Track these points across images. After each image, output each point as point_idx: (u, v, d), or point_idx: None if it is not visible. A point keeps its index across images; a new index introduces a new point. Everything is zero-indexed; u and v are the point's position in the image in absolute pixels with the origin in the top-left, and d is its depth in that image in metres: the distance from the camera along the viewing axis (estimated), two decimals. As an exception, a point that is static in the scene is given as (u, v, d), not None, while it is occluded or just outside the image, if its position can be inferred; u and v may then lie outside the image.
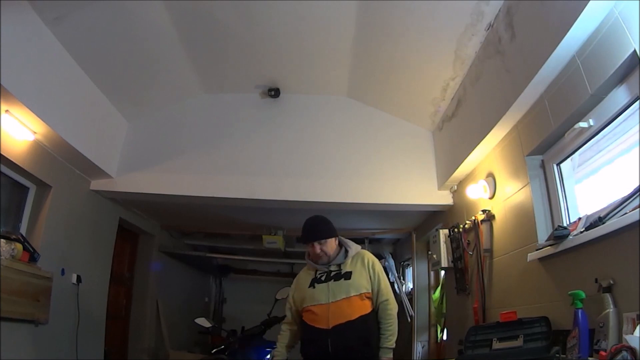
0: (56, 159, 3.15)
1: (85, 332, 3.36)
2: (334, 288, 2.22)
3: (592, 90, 1.76)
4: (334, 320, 2.14)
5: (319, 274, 2.31)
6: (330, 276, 2.27)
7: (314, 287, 2.27)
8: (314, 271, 2.34)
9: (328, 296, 2.20)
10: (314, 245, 2.28)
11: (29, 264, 2.76)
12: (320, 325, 2.16)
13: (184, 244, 5.82)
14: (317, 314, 2.19)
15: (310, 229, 2.33)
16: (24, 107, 2.50)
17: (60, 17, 2.63)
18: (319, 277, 2.30)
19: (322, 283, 2.27)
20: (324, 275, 2.29)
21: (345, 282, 2.22)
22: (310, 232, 2.32)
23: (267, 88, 3.81)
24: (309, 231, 2.32)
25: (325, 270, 2.30)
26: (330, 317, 2.14)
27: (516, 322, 1.97)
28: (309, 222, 2.36)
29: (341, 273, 2.27)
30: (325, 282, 2.26)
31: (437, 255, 3.48)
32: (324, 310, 2.17)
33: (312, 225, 2.34)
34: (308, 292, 2.28)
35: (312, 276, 2.32)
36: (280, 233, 5.02)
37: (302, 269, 2.46)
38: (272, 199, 3.64)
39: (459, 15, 2.58)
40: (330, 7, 2.83)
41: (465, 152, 2.97)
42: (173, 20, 2.96)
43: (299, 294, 2.33)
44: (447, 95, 3.30)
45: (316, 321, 2.18)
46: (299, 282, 2.40)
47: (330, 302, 2.18)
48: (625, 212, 1.57)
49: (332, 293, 2.20)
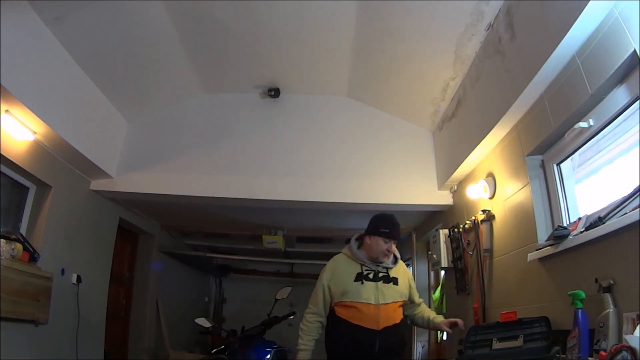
0: (56, 159, 3.15)
1: (85, 332, 3.36)
2: (383, 290, 2.20)
3: (592, 90, 1.76)
4: (384, 322, 2.14)
5: (365, 270, 2.24)
6: (378, 277, 2.23)
7: (361, 283, 2.19)
8: (360, 265, 2.26)
9: (377, 297, 2.17)
10: (392, 244, 2.25)
11: (29, 264, 2.76)
12: (368, 325, 2.12)
13: (184, 244, 5.82)
14: (364, 313, 2.13)
15: (397, 227, 2.29)
16: (24, 107, 2.50)
17: (60, 17, 2.63)
18: (365, 273, 2.23)
19: (370, 281, 2.21)
20: (371, 274, 2.23)
21: (394, 287, 2.24)
22: (397, 230, 2.29)
23: (267, 88, 3.81)
24: (396, 229, 2.28)
25: (372, 269, 2.25)
26: (380, 319, 2.13)
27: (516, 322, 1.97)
28: (393, 219, 2.31)
29: (389, 277, 2.26)
30: (374, 282, 2.21)
31: (437, 255, 3.48)
32: (374, 310, 2.14)
33: (396, 224, 2.30)
34: (353, 287, 2.19)
35: (358, 270, 2.24)
36: (280, 233, 5.01)
37: (339, 258, 2.35)
38: (272, 199, 3.64)
39: (459, 15, 2.58)
40: (330, 7, 2.83)
41: (465, 152, 2.97)
42: (173, 20, 2.96)
43: (339, 285, 2.22)
44: (447, 95, 3.30)
45: (363, 320, 2.13)
46: (338, 271, 2.28)
47: (380, 303, 2.16)
48: (625, 212, 1.57)
49: (382, 295, 2.18)
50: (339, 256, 2.37)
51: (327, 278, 2.26)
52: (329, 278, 2.26)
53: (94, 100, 3.32)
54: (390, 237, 2.25)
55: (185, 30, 3.08)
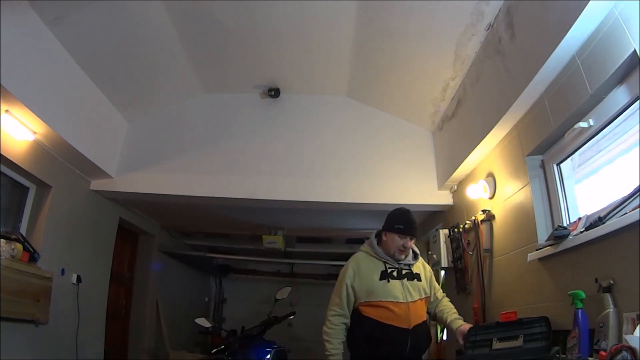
0: (56, 159, 3.15)
1: (85, 332, 3.36)
2: (410, 287, 2.16)
3: (592, 90, 1.76)
4: (415, 320, 2.11)
5: (389, 267, 2.19)
6: (402, 274, 2.19)
7: (388, 282, 2.14)
8: (383, 263, 2.21)
9: (406, 295, 2.13)
10: (408, 240, 2.21)
11: (29, 264, 2.76)
12: (400, 324, 2.08)
13: (184, 244, 5.82)
14: (395, 312, 2.08)
15: (412, 223, 2.24)
16: (24, 107, 2.50)
17: (60, 17, 2.63)
18: (390, 271, 2.18)
19: (395, 279, 2.16)
20: (394, 271, 2.19)
21: (419, 284, 2.21)
22: (412, 226, 2.23)
23: (267, 88, 3.81)
24: (412, 225, 2.23)
25: (395, 267, 2.21)
26: (411, 317, 2.10)
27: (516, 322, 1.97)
28: (409, 215, 2.27)
29: (413, 273, 2.22)
30: (399, 280, 2.17)
31: (437, 255, 3.48)
32: (405, 309, 2.10)
33: (412, 219, 2.25)
34: (380, 285, 2.13)
35: (382, 268, 2.19)
36: (280, 233, 5.01)
37: (361, 257, 2.29)
38: (272, 199, 3.64)
39: (459, 15, 2.58)
40: (330, 7, 2.83)
41: (465, 152, 2.97)
42: (173, 20, 2.96)
43: (364, 285, 2.15)
44: (447, 95, 3.30)
45: (394, 320, 2.08)
46: (361, 270, 2.20)
47: (409, 301, 2.13)
48: (625, 212, 1.57)
49: (409, 292, 2.15)
50: (360, 254, 2.31)
51: (350, 277, 2.18)
52: (352, 277, 2.18)
53: (94, 100, 3.32)
54: (406, 233, 2.20)
55: (185, 30, 3.08)
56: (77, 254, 3.37)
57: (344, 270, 2.24)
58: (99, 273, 3.71)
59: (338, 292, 2.19)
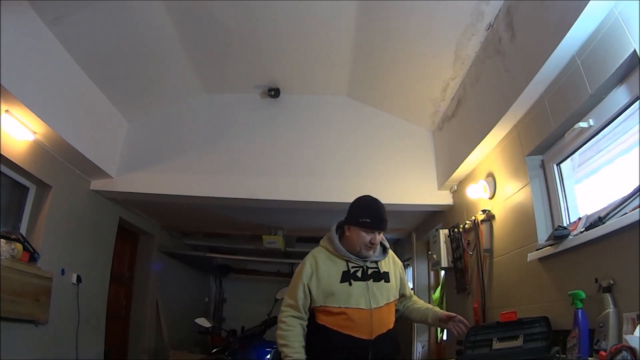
0: (56, 159, 3.15)
1: (85, 332, 3.36)
2: (374, 290, 1.86)
3: (592, 90, 1.76)
4: (378, 330, 1.81)
5: (352, 267, 1.88)
6: (367, 274, 1.88)
7: (349, 284, 1.84)
8: (345, 262, 1.89)
9: (369, 300, 1.83)
10: (375, 235, 1.87)
11: (29, 264, 2.76)
12: (359, 334, 1.78)
13: (184, 244, 5.82)
14: (354, 321, 1.79)
15: (380, 215, 1.90)
16: (24, 107, 2.50)
17: (60, 17, 2.63)
18: (353, 271, 1.87)
19: (358, 281, 1.85)
20: (359, 271, 1.87)
21: (386, 285, 1.91)
22: (381, 219, 1.89)
23: (267, 88, 3.81)
24: (380, 217, 1.89)
25: (359, 265, 1.89)
26: (374, 326, 1.80)
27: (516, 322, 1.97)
28: (376, 205, 1.95)
29: (380, 273, 1.91)
30: (363, 281, 1.86)
31: (437, 255, 3.48)
32: (366, 317, 1.80)
33: (380, 211, 1.92)
34: (340, 289, 1.83)
35: (344, 268, 1.87)
36: (280, 233, 5.02)
37: (319, 254, 1.94)
38: (272, 199, 3.64)
39: (459, 15, 2.58)
40: (330, 7, 2.83)
41: (465, 152, 2.97)
42: (173, 20, 2.96)
43: (322, 287, 1.84)
44: (447, 95, 3.30)
45: (353, 329, 1.78)
46: (320, 270, 1.87)
47: (373, 307, 1.82)
48: (625, 212, 1.57)
49: (374, 297, 1.84)
50: (318, 250, 1.96)
51: (307, 276, 1.87)
52: (308, 276, 1.87)
53: (94, 100, 3.32)
54: (373, 227, 1.87)
55: (185, 30, 3.08)
56: (77, 254, 3.37)
57: (300, 268, 1.92)
58: (99, 273, 3.71)
59: (292, 293, 1.87)
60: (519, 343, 1.87)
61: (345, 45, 3.21)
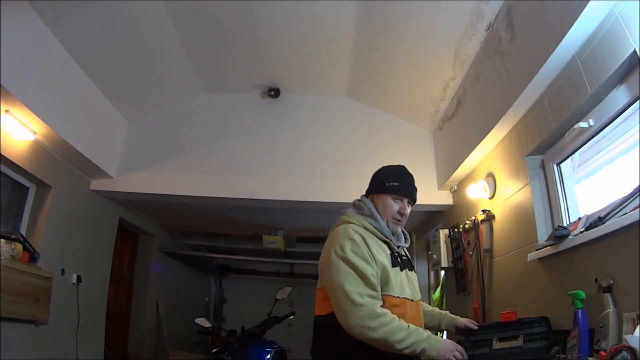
0: (56, 159, 3.15)
1: (85, 332, 3.36)
2: (412, 280, 1.58)
3: (592, 90, 1.76)
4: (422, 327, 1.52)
5: (394, 250, 1.57)
6: (403, 261, 1.58)
7: (400, 270, 1.51)
8: (386, 244, 1.55)
9: (413, 291, 1.54)
10: (405, 203, 1.59)
11: (29, 264, 2.76)
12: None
13: (184, 244, 5.82)
14: (407, 315, 1.44)
15: (411, 179, 1.65)
16: (24, 107, 2.51)
17: (60, 17, 2.63)
18: (396, 255, 1.56)
19: (398, 268, 1.52)
20: (397, 257, 1.56)
21: (415, 276, 1.65)
22: (411, 184, 1.64)
23: (267, 88, 3.81)
24: (410, 182, 1.64)
25: (395, 251, 1.58)
26: (422, 323, 1.53)
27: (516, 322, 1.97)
28: (406, 170, 1.70)
29: (410, 261, 1.65)
30: (403, 269, 1.55)
31: (437, 255, 3.48)
32: (417, 311, 1.52)
33: (410, 175, 1.67)
34: (394, 274, 1.47)
35: (388, 251, 1.53)
36: (280, 233, 5.01)
37: (357, 229, 1.51)
38: (272, 199, 3.64)
39: (459, 15, 2.58)
40: (330, 7, 2.83)
41: (465, 152, 2.97)
42: (173, 20, 2.96)
43: (380, 269, 1.45)
44: (447, 95, 3.30)
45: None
46: (372, 249, 1.46)
47: (416, 300, 1.55)
48: (625, 212, 1.57)
49: (413, 287, 1.56)
50: (355, 228, 1.51)
51: (367, 252, 1.43)
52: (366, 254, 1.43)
53: (94, 100, 3.32)
54: (403, 193, 1.59)
55: (185, 30, 3.08)
56: (77, 254, 3.37)
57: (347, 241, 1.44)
58: (99, 273, 3.71)
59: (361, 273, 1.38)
60: (519, 343, 1.87)
61: (345, 45, 3.21)
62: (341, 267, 1.41)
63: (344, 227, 1.53)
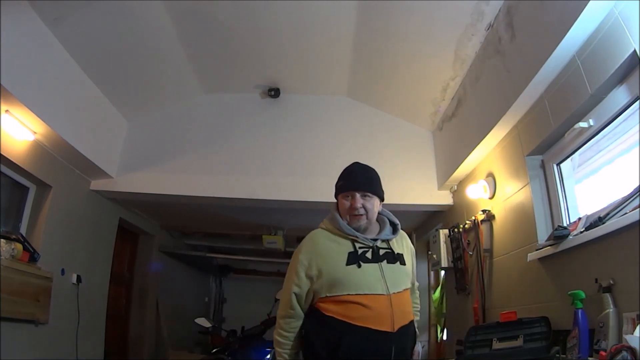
0: (56, 159, 3.15)
1: (85, 332, 3.36)
2: (390, 273, 1.56)
3: (592, 90, 1.76)
4: (400, 321, 1.50)
5: (360, 247, 1.59)
6: (379, 255, 1.59)
7: (358, 267, 1.54)
8: (351, 241, 1.60)
9: (385, 284, 1.52)
10: (354, 198, 1.61)
11: (29, 264, 2.76)
12: (379, 326, 1.45)
13: (184, 244, 5.82)
14: (371, 309, 1.47)
15: (354, 174, 1.68)
16: (24, 107, 2.50)
17: (60, 17, 2.63)
18: (361, 252, 1.57)
19: (369, 262, 1.55)
20: (368, 252, 1.58)
21: (403, 268, 1.62)
22: (355, 178, 1.67)
23: (267, 88, 3.81)
24: (354, 177, 1.67)
25: (368, 245, 1.60)
26: (395, 316, 1.48)
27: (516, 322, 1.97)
28: (354, 167, 1.74)
29: (394, 253, 1.62)
30: (375, 262, 1.56)
31: (437, 255, 3.48)
32: (385, 304, 1.49)
33: (355, 170, 1.71)
34: (348, 272, 1.52)
35: (349, 248, 1.58)
36: (280, 233, 5.01)
37: (317, 236, 1.66)
38: (272, 199, 3.64)
39: (459, 15, 2.58)
40: (330, 7, 2.83)
41: (465, 152, 2.97)
42: (173, 20, 2.96)
43: (325, 273, 1.54)
44: (447, 95, 3.30)
45: (371, 320, 1.46)
46: (321, 254, 1.58)
47: (391, 292, 1.51)
48: (625, 212, 1.57)
49: (391, 280, 1.54)
50: (317, 233, 1.67)
51: (305, 265, 1.58)
52: (306, 265, 1.58)
53: (94, 100, 3.32)
54: (347, 188, 1.64)
55: (185, 30, 3.08)
56: (77, 254, 3.37)
57: (295, 256, 1.65)
58: (99, 273, 3.71)
59: (287, 289, 1.59)
60: (519, 343, 1.87)
61: (345, 45, 3.21)
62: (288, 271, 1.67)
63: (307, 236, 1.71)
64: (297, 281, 1.59)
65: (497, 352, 1.92)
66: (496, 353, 1.92)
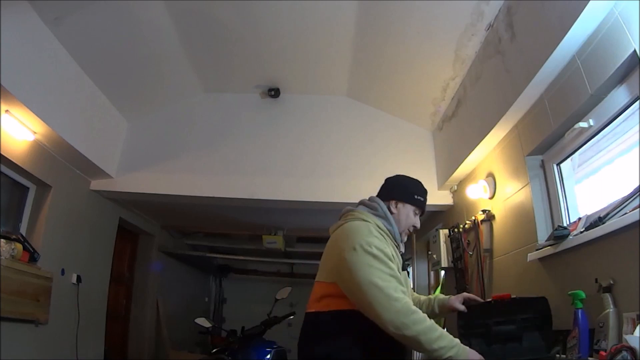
0: (56, 159, 3.15)
1: (85, 332, 3.36)
2: (407, 281, 1.61)
3: (592, 90, 1.76)
4: None
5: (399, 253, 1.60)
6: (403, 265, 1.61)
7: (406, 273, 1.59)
8: (395, 249, 1.55)
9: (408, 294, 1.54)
10: (419, 218, 1.67)
11: (29, 264, 2.76)
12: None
13: (184, 244, 5.82)
14: None
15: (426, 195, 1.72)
16: (24, 107, 2.50)
17: (60, 17, 2.63)
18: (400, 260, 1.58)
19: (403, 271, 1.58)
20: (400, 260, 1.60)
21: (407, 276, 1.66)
22: (426, 199, 1.72)
23: (267, 88, 3.81)
24: (426, 197, 1.72)
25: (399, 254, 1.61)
26: None
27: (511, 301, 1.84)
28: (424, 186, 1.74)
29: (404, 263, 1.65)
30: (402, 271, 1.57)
31: (437, 255, 3.48)
32: None
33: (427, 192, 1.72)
34: (403, 277, 1.51)
35: (397, 255, 1.55)
36: (280, 233, 5.02)
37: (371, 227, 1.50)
38: (272, 199, 3.64)
39: (459, 15, 2.58)
40: (330, 7, 2.83)
41: (465, 152, 2.97)
42: (173, 20, 2.96)
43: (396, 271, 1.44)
44: (447, 95, 3.30)
45: None
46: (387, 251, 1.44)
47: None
48: (625, 212, 1.57)
49: (409, 290, 1.60)
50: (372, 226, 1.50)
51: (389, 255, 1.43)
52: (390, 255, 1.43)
53: (94, 100, 3.32)
54: (422, 207, 1.68)
55: (185, 30, 3.08)
56: (77, 254, 3.38)
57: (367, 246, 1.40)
58: (99, 273, 3.71)
59: (391, 271, 1.39)
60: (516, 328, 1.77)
61: (345, 45, 3.21)
62: (371, 262, 1.38)
63: (363, 224, 1.51)
64: (391, 261, 1.42)
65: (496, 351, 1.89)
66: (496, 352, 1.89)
